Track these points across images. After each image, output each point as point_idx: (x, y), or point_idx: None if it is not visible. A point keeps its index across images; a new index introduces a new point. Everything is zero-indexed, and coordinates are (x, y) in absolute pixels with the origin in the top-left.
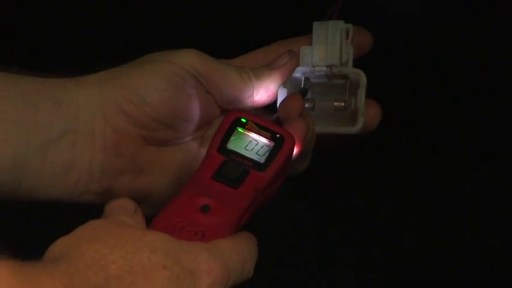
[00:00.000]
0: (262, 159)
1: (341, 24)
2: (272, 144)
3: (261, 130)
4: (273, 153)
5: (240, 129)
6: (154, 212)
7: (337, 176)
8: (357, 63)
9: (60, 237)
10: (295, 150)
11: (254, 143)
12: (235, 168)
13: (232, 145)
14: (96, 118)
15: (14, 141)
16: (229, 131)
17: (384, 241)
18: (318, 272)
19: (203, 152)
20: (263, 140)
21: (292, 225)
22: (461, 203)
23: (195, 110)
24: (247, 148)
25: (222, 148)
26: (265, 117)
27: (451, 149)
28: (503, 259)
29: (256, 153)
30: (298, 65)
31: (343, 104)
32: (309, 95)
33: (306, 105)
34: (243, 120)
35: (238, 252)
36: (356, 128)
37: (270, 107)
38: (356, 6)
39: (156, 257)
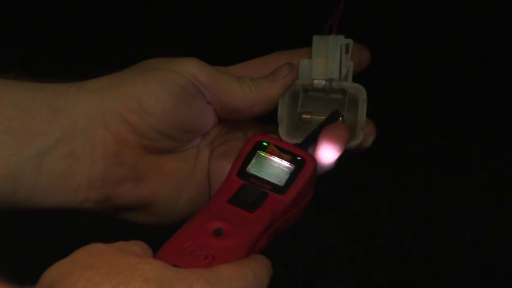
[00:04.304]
0: (282, 182)
1: (341, 39)
2: (293, 167)
3: (282, 153)
4: (293, 176)
5: (261, 153)
6: (155, 220)
7: (336, 176)
8: (355, 78)
9: (56, 261)
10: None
11: (275, 166)
12: (253, 191)
13: (252, 169)
14: (97, 126)
15: (6, 150)
16: (250, 155)
17: (384, 241)
18: (318, 272)
19: (201, 160)
20: (284, 163)
21: (291, 226)
22: (461, 203)
23: (196, 121)
24: (267, 171)
25: (242, 172)
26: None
27: (452, 149)
28: (503, 259)
29: (277, 176)
30: (297, 78)
31: (341, 118)
32: (307, 108)
33: (304, 116)
34: (264, 143)
35: (240, 278)
36: (355, 142)
37: (268, 116)
38: (354, 21)
39: (149, 286)
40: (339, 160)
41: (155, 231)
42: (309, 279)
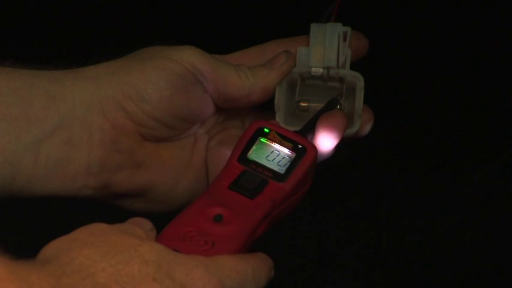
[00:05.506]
0: (282, 170)
1: (339, 27)
2: (294, 155)
3: (283, 140)
4: (294, 164)
5: (262, 139)
6: (152, 207)
7: (335, 176)
8: (353, 67)
9: (57, 238)
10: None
11: (276, 153)
12: (254, 178)
13: (253, 155)
14: (94, 113)
15: (3, 137)
16: (252, 141)
17: (383, 241)
18: (318, 273)
19: (199, 148)
20: (285, 151)
21: (291, 226)
22: (461, 203)
23: (193, 109)
24: (268, 158)
25: (243, 158)
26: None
27: (451, 149)
28: (503, 259)
29: (278, 163)
30: (295, 66)
31: (338, 106)
32: (305, 96)
33: (301, 104)
34: (266, 130)
35: (239, 272)
36: (353, 130)
37: (266, 104)
38: (353, 9)
39: (147, 268)
40: (337, 148)
41: (154, 217)
42: (308, 279)
